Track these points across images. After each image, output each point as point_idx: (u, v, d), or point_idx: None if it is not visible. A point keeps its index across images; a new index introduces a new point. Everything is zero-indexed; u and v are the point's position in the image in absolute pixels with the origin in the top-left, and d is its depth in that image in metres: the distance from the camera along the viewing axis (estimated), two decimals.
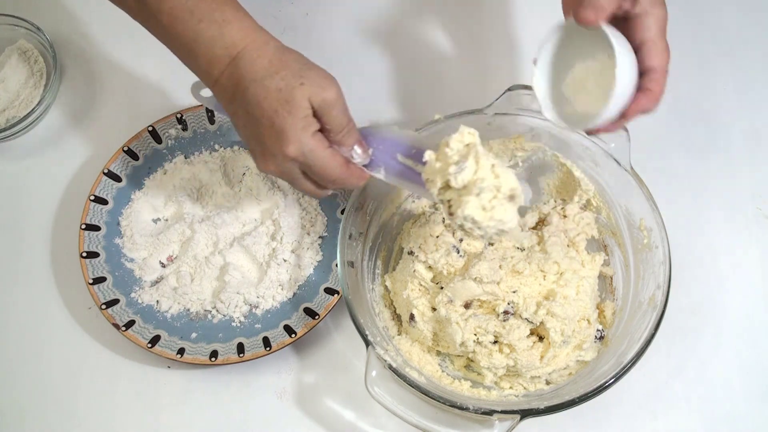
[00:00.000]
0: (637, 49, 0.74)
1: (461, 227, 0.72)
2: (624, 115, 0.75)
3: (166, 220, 0.96)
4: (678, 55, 1.05)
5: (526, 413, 0.74)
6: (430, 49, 1.07)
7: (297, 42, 1.07)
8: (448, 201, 0.72)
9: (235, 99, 0.74)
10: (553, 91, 0.79)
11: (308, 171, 0.75)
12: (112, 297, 0.90)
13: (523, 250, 0.86)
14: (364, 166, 0.78)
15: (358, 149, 0.76)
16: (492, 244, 0.86)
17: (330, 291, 0.89)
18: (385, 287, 0.90)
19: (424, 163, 0.73)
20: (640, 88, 0.74)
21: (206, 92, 0.84)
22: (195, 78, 0.79)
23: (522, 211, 0.93)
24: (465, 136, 0.71)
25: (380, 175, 0.78)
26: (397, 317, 0.89)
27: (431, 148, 0.72)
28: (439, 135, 0.73)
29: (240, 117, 0.74)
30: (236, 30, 0.73)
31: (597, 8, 0.71)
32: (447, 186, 0.71)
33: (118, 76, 1.06)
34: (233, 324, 0.90)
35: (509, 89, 0.87)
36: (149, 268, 0.93)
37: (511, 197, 0.71)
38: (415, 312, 0.84)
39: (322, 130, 0.74)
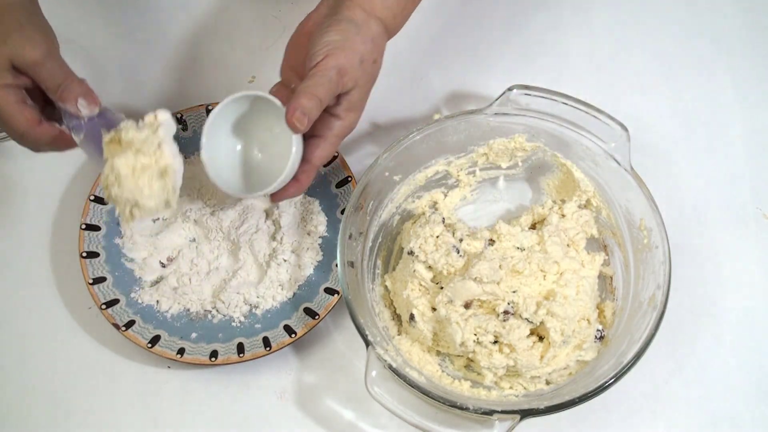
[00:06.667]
0: (310, 137, 0.79)
1: (106, 182, 0.75)
2: (272, 197, 0.81)
3: (166, 219, 0.96)
4: (678, 55, 1.06)
5: (526, 413, 0.74)
6: (430, 49, 1.07)
7: None
8: (111, 158, 0.75)
9: None
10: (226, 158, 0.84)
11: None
12: (112, 297, 0.90)
13: (523, 250, 0.86)
14: (71, 128, 0.78)
15: (82, 100, 0.76)
16: (492, 243, 0.86)
17: (330, 291, 0.89)
18: (385, 287, 0.90)
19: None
20: (294, 176, 0.79)
21: None
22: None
23: (520, 211, 0.94)
24: (159, 115, 0.76)
25: (78, 138, 0.78)
26: (397, 317, 0.89)
27: None
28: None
29: None
30: None
31: (309, 118, 0.74)
32: (118, 142, 0.75)
33: (118, 76, 1.06)
34: (233, 324, 0.90)
35: (509, 89, 0.87)
36: (149, 268, 0.93)
37: (163, 173, 0.75)
38: (415, 312, 0.84)
39: (39, 91, 0.76)
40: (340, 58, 0.75)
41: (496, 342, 0.82)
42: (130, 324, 0.88)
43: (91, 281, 0.89)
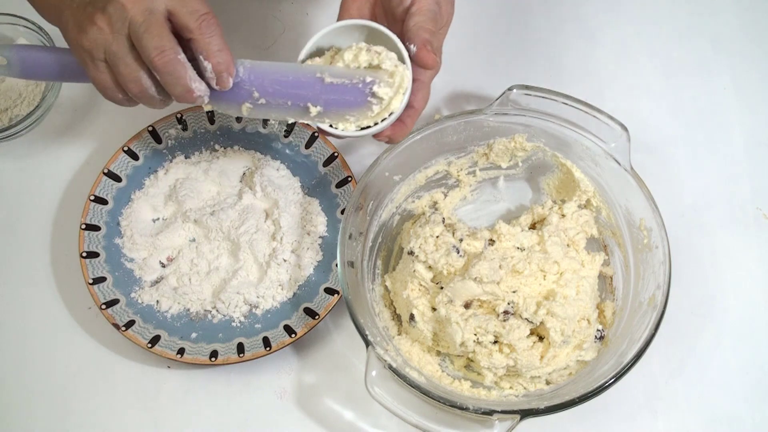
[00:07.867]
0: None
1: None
2: (378, 137, 0.78)
3: (166, 219, 0.96)
4: (678, 56, 1.06)
5: (526, 413, 0.74)
6: None
7: (297, 42, 1.08)
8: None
9: None
10: None
11: (141, 38, 0.68)
12: (112, 297, 0.90)
13: (523, 250, 0.86)
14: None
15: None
16: (492, 243, 0.86)
17: (330, 291, 0.89)
18: (385, 287, 0.90)
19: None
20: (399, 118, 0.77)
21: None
22: None
23: (520, 211, 0.94)
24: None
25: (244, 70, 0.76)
26: (397, 317, 0.89)
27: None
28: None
29: None
30: None
31: (435, 52, 0.74)
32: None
33: None
34: (233, 324, 0.90)
35: (509, 89, 0.87)
36: (149, 268, 0.93)
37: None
38: (415, 312, 0.84)
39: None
40: None
41: (496, 342, 0.82)
42: (130, 324, 0.88)
43: (91, 281, 0.89)
